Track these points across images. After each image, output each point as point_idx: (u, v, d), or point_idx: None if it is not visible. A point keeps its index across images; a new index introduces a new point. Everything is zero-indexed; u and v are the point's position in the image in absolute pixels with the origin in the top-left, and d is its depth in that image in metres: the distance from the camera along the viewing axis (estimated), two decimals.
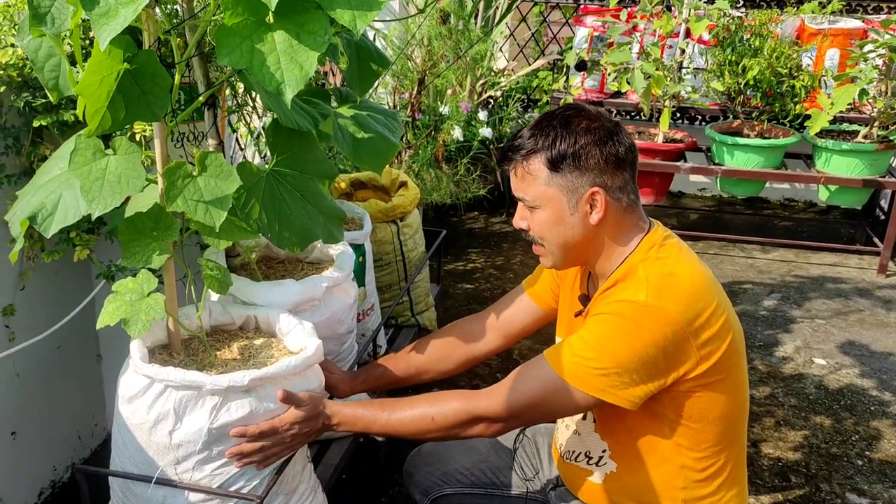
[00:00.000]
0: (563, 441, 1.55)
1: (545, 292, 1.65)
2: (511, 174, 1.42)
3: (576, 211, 1.37)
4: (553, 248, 1.42)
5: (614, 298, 1.34)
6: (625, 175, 1.37)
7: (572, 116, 1.37)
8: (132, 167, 1.33)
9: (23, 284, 1.83)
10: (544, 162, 1.36)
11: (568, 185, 1.36)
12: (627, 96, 4.35)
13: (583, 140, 1.34)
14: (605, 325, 1.32)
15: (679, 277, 1.34)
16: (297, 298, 1.63)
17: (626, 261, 1.38)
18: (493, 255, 3.93)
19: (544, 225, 1.39)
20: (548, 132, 1.36)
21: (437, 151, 3.72)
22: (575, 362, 1.31)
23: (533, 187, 1.38)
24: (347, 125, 1.69)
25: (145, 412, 1.36)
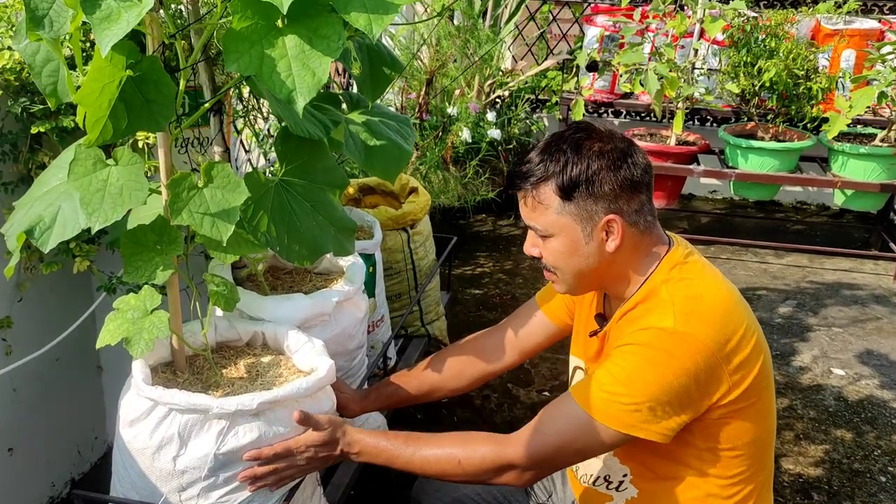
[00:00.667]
0: (581, 464, 1.48)
1: (559, 309, 1.58)
2: (520, 201, 1.35)
3: (591, 239, 1.29)
4: (567, 277, 1.35)
5: (639, 326, 1.26)
6: (641, 197, 1.30)
7: (583, 139, 1.29)
8: (135, 179, 1.26)
9: (20, 296, 1.76)
10: (555, 190, 1.28)
11: (581, 214, 1.28)
12: (638, 97, 4.28)
13: (595, 165, 1.26)
14: (633, 357, 1.24)
15: (706, 299, 1.27)
16: (306, 314, 1.56)
17: (646, 282, 1.31)
18: (502, 259, 3.86)
19: (558, 254, 1.32)
20: (558, 157, 1.27)
21: (446, 153, 3.65)
22: (603, 399, 1.24)
23: (544, 216, 1.30)
24: (359, 132, 1.62)
25: (148, 436, 1.29)
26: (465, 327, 3.13)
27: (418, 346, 2.32)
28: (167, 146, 1.35)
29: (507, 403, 2.63)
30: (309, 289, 1.80)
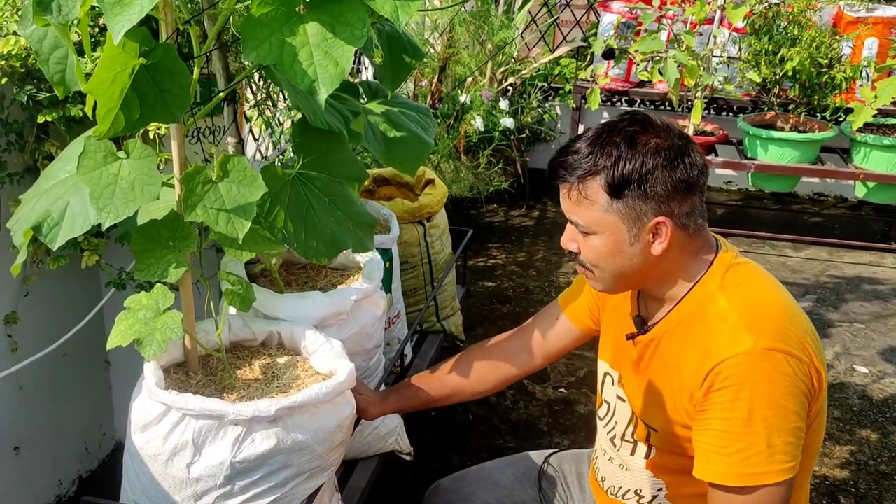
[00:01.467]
0: (607, 474, 1.42)
1: (583, 313, 1.51)
2: (562, 193, 1.26)
3: (637, 241, 1.21)
4: (606, 277, 1.26)
5: (713, 356, 1.15)
6: (693, 199, 1.21)
7: (639, 132, 1.19)
8: (147, 173, 1.20)
9: (26, 291, 1.70)
10: (604, 185, 1.19)
11: (629, 214, 1.19)
12: (654, 86, 4.19)
13: (651, 162, 1.17)
14: (735, 402, 1.12)
15: (773, 306, 1.19)
16: (324, 313, 1.50)
17: (697, 286, 1.24)
18: (515, 250, 3.79)
19: (599, 253, 1.24)
20: (609, 150, 1.18)
21: (458, 142, 3.57)
22: (737, 461, 1.12)
23: (588, 213, 1.22)
24: (378, 123, 1.55)
25: (161, 442, 1.23)
26: (479, 321, 3.08)
27: (434, 343, 2.26)
28: (181, 138, 1.28)
29: (522, 401, 2.57)
30: (324, 285, 1.74)
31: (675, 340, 1.24)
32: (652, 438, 1.29)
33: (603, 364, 1.43)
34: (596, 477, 1.46)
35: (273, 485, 1.26)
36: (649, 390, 1.28)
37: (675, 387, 1.22)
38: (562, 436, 2.40)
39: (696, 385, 1.17)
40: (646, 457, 1.32)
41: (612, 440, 1.38)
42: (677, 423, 1.23)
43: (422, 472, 2.20)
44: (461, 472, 1.64)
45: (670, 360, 1.24)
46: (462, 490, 1.58)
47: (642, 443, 1.31)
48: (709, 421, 1.16)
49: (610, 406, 1.40)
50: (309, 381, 1.38)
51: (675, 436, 1.25)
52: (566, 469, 1.59)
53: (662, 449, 1.29)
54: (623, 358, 1.36)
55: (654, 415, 1.28)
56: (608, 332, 1.43)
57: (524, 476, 1.59)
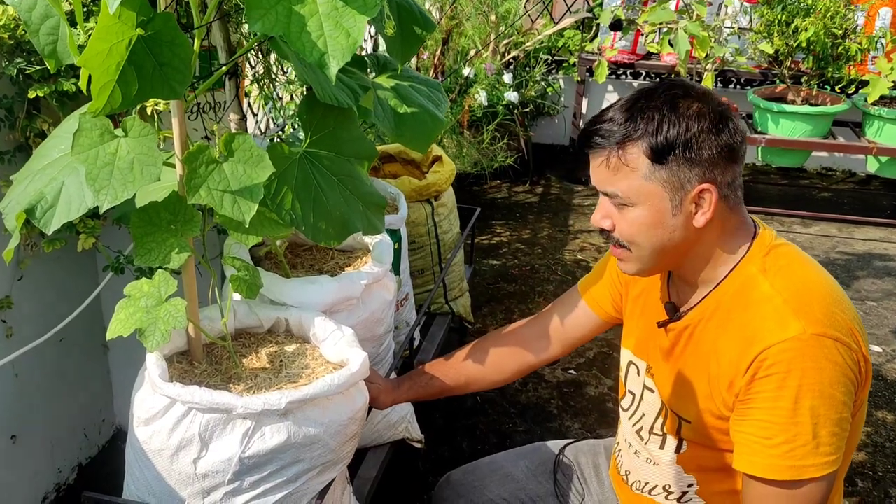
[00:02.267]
0: (633, 468, 1.35)
1: (604, 299, 1.44)
2: (595, 164, 1.18)
3: (679, 211, 1.13)
4: (644, 254, 1.19)
5: (758, 342, 1.08)
6: (736, 168, 1.15)
7: (680, 97, 1.12)
8: (147, 152, 1.12)
9: (20, 274, 1.63)
10: (646, 151, 1.11)
11: (672, 181, 1.12)
12: (661, 58, 4.09)
13: (695, 126, 1.10)
14: (781, 391, 1.06)
15: (819, 290, 1.12)
16: (333, 298, 1.44)
17: (736, 268, 1.17)
18: (519, 227, 3.72)
19: (638, 226, 1.16)
20: (651, 114, 1.11)
21: (462, 117, 3.48)
22: (782, 454, 1.06)
23: (627, 181, 1.14)
24: (388, 98, 1.47)
25: (165, 437, 1.17)
26: (485, 300, 3.02)
27: (442, 325, 2.20)
28: (182, 114, 1.21)
29: (531, 383, 2.52)
30: (331, 267, 1.67)
31: (713, 327, 1.17)
32: (683, 431, 1.23)
33: (627, 353, 1.37)
34: (619, 470, 1.40)
35: (284, 480, 1.20)
36: (682, 380, 1.22)
37: (712, 375, 1.16)
38: (572, 419, 2.36)
39: (737, 373, 1.11)
40: (676, 451, 1.26)
41: (639, 433, 1.32)
42: (712, 414, 1.17)
43: (431, 458, 2.15)
44: (472, 465, 1.59)
45: (707, 347, 1.18)
46: (473, 483, 1.52)
47: (672, 436, 1.25)
48: (752, 411, 1.09)
49: (635, 397, 1.34)
50: (319, 371, 1.32)
51: (708, 427, 1.19)
52: (582, 461, 1.53)
53: (694, 442, 1.23)
54: (652, 347, 1.29)
55: (686, 405, 1.21)
56: (633, 319, 1.37)
57: (538, 468, 1.53)
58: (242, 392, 1.25)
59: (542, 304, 3.00)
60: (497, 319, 2.88)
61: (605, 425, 2.32)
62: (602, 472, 1.52)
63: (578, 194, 4.09)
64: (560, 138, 4.68)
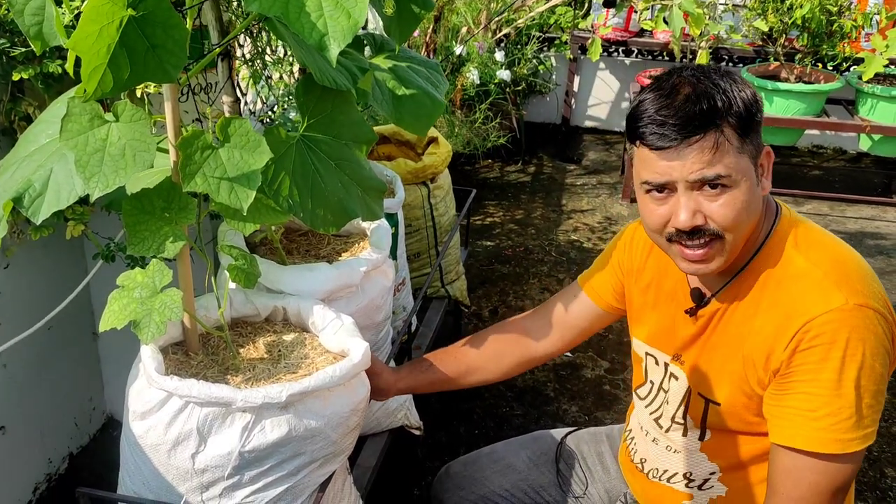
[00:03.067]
0: (649, 455, 1.33)
1: (604, 290, 1.40)
2: (689, 151, 1.05)
3: (757, 183, 1.10)
4: (738, 240, 1.11)
5: (802, 317, 1.05)
6: None
7: (713, 69, 1.11)
8: (139, 137, 1.08)
9: (6, 262, 1.58)
10: (734, 125, 1.06)
11: (753, 151, 1.09)
12: (654, 35, 4.05)
13: (749, 91, 1.09)
14: (824, 363, 1.03)
15: (853, 263, 1.11)
16: (331, 286, 1.40)
17: (766, 245, 1.14)
18: (512, 207, 3.68)
19: (740, 208, 1.07)
20: (718, 87, 1.07)
21: (455, 96, 3.43)
22: (826, 426, 1.04)
23: (729, 158, 1.06)
24: (386, 80, 1.43)
25: (162, 432, 1.14)
26: (479, 282, 2.99)
27: (438, 309, 2.17)
28: (175, 98, 1.16)
29: None
30: (328, 253, 1.64)
31: (745, 306, 1.15)
32: (710, 416, 1.21)
33: (640, 344, 1.34)
34: (631, 458, 1.38)
35: (284, 474, 1.17)
36: (713, 362, 1.20)
37: (746, 353, 1.13)
38: (569, 402, 2.34)
39: (775, 348, 1.09)
40: (700, 439, 1.24)
41: (658, 420, 1.29)
42: (744, 394, 1.15)
43: (429, 443, 2.13)
44: (472, 455, 1.56)
45: (739, 327, 1.15)
46: (474, 475, 1.50)
47: (695, 425, 1.23)
48: (795, 383, 1.07)
49: (655, 385, 1.31)
50: (319, 361, 1.29)
51: (739, 408, 1.17)
52: (584, 449, 1.51)
53: (719, 429, 1.21)
54: (676, 336, 1.26)
55: (717, 387, 1.19)
56: (644, 311, 1.33)
57: (540, 458, 1.51)
58: (241, 384, 1.22)
59: (536, 285, 2.98)
60: (492, 301, 2.86)
61: (602, 408, 2.31)
62: (606, 460, 1.50)
63: (571, 173, 4.05)
64: (552, 117, 4.64)
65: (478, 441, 2.14)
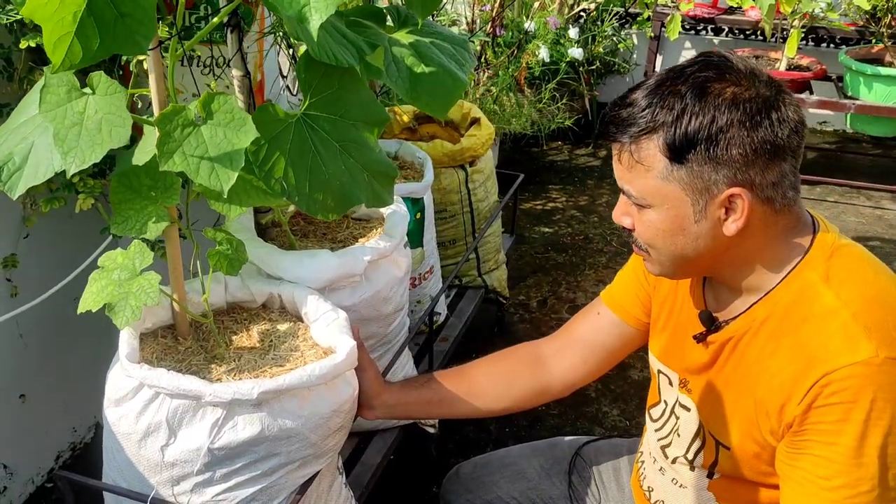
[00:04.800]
0: (656, 485, 1.20)
1: (631, 304, 1.25)
2: (614, 154, 1.01)
3: (703, 217, 0.96)
4: (664, 259, 1.02)
5: (822, 367, 0.90)
6: (782, 167, 0.95)
7: (712, 80, 0.93)
8: (115, 111, 1.03)
9: (26, 232, 1.58)
10: (662, 147, 0.93)
11: (694, 183, 0.94)
12: (745, 13, 3.77)
13: (724, 118, 0.91)
14: (844, 425, 0.89)
15: (891, 301, 0.94)
16: (332, 274, 1.33)
17: (793, 273, 0.98)
18: (577, 193, 3.52)
19: (655, 231, 0.99)
20: (672, 102, 0.93)
21: (520, 74, 3.29)
22: (841, 499, 0.90)
23: (642, 181, 0.96)
24: (404, 56, 1.33)
25: (133, 420, 1.09)
26: (531, 270, 2.86)
27: (472, 300, 2.07)
28: (159, 70, 1.10)
29: None
30: (345, 237, 1.56)
31: (762, 340, 0.99)
32: (721, 460, 1.06)
33: (653, 359, 1.20)
34: (641, 484, 1.25)
35: (258, 474, 1.11)
36: (722, 399, 1.05)
37: (758, 398, 0.98)
38: (611, 404, 2.21)
39: (790, 399, 0.93)
40: (708, 477, 1.11)
41: (665, 450, 1.16)
42: (755, 442, 1.00)
43: (455, 439, 2.04)
44: (483, 457, 1.47)
45: (753, 364, 1.00)
46: (483, 478, 1.41)
47: (705, 464, 1.09)
48: (808, 444, 0.92)
49: (667, 408, 1.17)
50: (308, 355, 1.22)
51: (750, 456, 1.02)
52: (602, 463, 1.39)
53: (730, 476, 1.07)
54: (686, 359, 1.12)
55: (726, 429, 1.04)
56: (658, 324, 1.19)
57: (553, 468, 1.40)
58: (223, 375, 1.16)
59: (591, 276, 2.83)
60: (542, 292, 2.73)
61: None
62: (623, 477, 1.37)
63: None
64: None
65: (507, 440, 2.04)
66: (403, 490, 1.87)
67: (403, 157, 1.85)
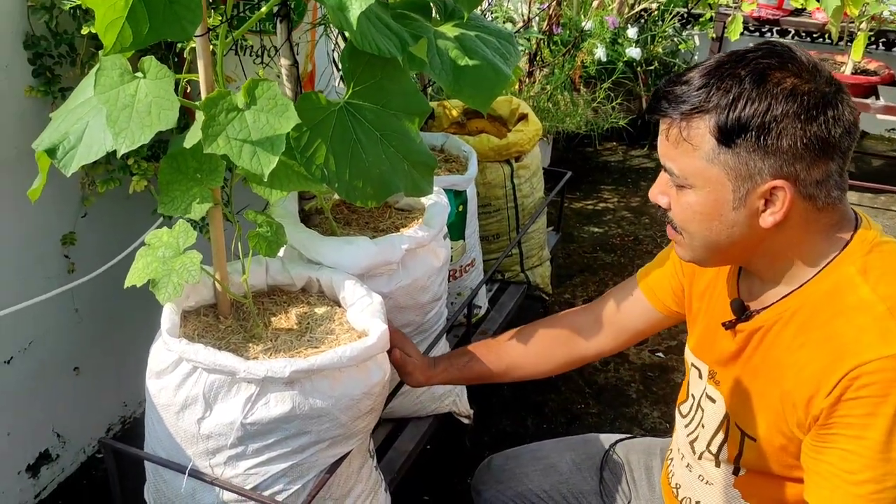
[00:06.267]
0: (683, 482, 1.19)
1: (663, 292, 1.26)
2: (660, 130, 1.00)
3: (742, 205, 0.95)
4: (696, 244, 1.01)
5: (852, 360, 0.89)
6: (830, 166, 0.93)
7: (773, 68, 0.92)
8: (164, 94, 1.07)
9: (84, 211, 1.65)
10: (713, 128, 0.92)
11: (739, 169, 0.93)
12: (812, 14, 3.67)
13: (780, 108, 0.90)
14: (872, 419, 0.88)
15: None
16: (369, 262, 1.35)
17: (829, 265, 0.97)
18: (629, 194, 3.48)
19: (691, 213, 0.98)
20: (729, 84, 0.92)
21: (575, 73, 3.27)
22: (866, 493, 0.89)
23: (687, 159, 0.95)
24: (449, 48, 1.34)
25: (172, 393, 1.14)
26: (577, 270, 2.85)
27: (514, 295, 2.07)
28: (207, 57, 1.14)
29: (613, 362, 2.35)
30: (387, 226, 1.58)
31: (791, 332, 0.98)
32: (745, 452, 1.06)
33: (689, 353, 1.19)
34: (669, 481, 1.24)
35: (289, 450, 1.14)
36: (749, 390, 1.04)
37: (785, 389, 0.97)
38: (652, 406, 2.18)
39: (818, 391, 0.92)
40: (734, 473, 1.09)
41: (692, 444, 1.15)
42: (782, 434, 0.99)
43: (492, 432, 2.05)
44: (516, 450, 1.47)
45: (782, 356, 0.99)
46: (514, 470, 1.41)
47: (730, 457, 1.08)
48: (835, 437, 0.91)
49: (695, 402, 1.17)
50: (343, 338, 1.24)
51: (776, 448, 1.01)
52: (633, 460, 1.38)
53: (755, 470, 1.06)
54: (716, 350, 1.11)
55: (753, 420, 1.03)
56: (697, 317, 1.18)
57: (584, 463, 1.39)
58: (259, 353, 1.19)
59: None
60: (588, 291, 2.71)
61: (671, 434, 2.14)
62: (654, 476, 1.36)
63: None
64: None
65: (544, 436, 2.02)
66: (436, 479, 1.89)
67: (449, 150, 1.87)
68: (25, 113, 1.48)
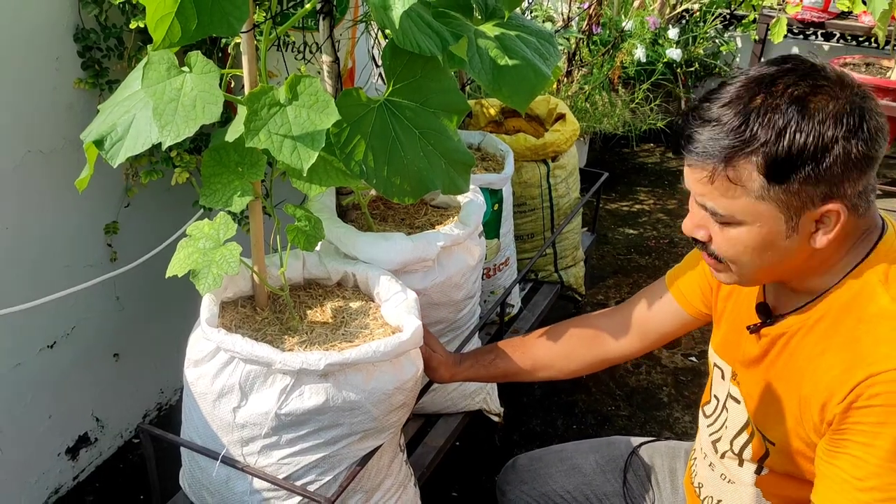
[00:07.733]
0: (706, 481, 1.19)
1: (692, 293, 1.24)
2: (690, 170, 0.95)
3: (794, 232, 0.93)
4: (745, 272, 0.99)
5: (867, 368, 0.88)
6: (869, 175, 0.92)
7: (809, 94, 0.88)
8: (209, 89, 1.08)
9: (127, 201, 1.69)
10: (760, 166, 0.88)
11: (791, 201, 0.89)
12: (859, 18, 3.59)
13: (829, 133, 0.86)
14: (882, 427, 0.87)
15: None
16: (405, 258, 1.36)
17: (852, 273, 0.96)
18: (665, 196, 3.45)
19: (742, 248, 0.95)
20: (771, 118, 0.87)
21: (614, 73, 3.25)
22: (871, 500, 0.89)
23: (734, 201, 0.91)
24: (489, 48, 1.35)
25: (209, 381, 1.16)
26: (611, 271, 2.83)
27: (547, 294, 2.07)
28: (252, 52, 1.16)
29: (645, 365, 2.33)
30: (422, 223, 1.59)
31: (814, 339, 0.98)
32: (769, 455, 1.06)
33: (713, 353, 1.19)
34: (692, 481, 1.24)
35: (322, 442, 1.16)
36: (770, 394, 1.04)
37: (803, 395, 0.97)
38: (683, 410, 2.16)
39: (832, 397, 0.92)
40: (756, 472, 1.09)
41: (715, 444, 1.15)
42: (801, 439, 0.99)
43: (521, 430, 2.05)
44: (541, 451, 1.48)
45: (803, 361, 0.99)
46: (539, 471, 1.42)
47: (754, 458, 1.08)
48: (847, 443, 0.91)
49: (719, 403, 1.17)
50: (377, 333, 1.25)
51: (794, 453, 1.01)
52: (657, 463, 1.37)
53: (778, 472, 1.05)
54: (738, 352, 1.11)
55: (773, 425, 1.03)
56: (721, 318, 1.18)
57: (608, 464, 1.39)
58: (294, 346, 1.21)
59: None
60: (621, 293, 2.70)
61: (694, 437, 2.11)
62: (678, 478, 1.36)
63: None
64: None
65: (573, 437, 2.03)
66: (464, 476, 1.90)
67: (486, 149, 1.87)
68: (74, 104, 1.51)
